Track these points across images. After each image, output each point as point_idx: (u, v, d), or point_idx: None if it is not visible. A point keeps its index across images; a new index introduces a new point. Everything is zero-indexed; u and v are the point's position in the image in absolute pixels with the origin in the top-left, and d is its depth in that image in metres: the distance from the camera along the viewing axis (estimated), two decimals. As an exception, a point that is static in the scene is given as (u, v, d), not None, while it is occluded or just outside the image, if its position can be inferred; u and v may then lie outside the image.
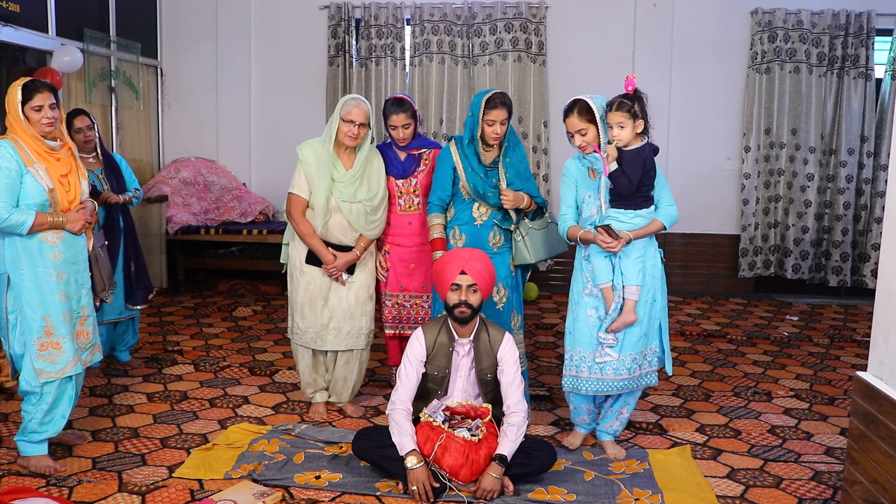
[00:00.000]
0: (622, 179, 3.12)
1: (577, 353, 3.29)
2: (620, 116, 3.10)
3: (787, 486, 3.13)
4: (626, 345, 3.25)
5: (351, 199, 3.58)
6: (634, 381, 3.30)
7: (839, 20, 6.54)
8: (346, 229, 3.62)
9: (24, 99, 3.00)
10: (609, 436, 3.45)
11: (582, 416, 3.43)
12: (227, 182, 6.93)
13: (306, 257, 3.64)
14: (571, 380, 3.31)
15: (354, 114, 3.53)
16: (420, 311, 3.88)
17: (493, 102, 3.46)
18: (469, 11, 6.72)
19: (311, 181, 3.56)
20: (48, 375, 3.06)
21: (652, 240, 3.30)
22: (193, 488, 3.00)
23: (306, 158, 3.58)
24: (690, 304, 6.51)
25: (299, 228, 3.61)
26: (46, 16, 5.55)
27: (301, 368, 3.79)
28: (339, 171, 3.58)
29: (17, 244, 3.01)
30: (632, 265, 3.21)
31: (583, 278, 3.31)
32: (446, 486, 2.94)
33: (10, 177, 2.95)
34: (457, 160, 3.59)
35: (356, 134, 3.53)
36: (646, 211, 3.21)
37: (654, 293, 3.28)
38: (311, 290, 3.65)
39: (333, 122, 3.57)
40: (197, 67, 7.14)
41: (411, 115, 3.70)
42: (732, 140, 6.85)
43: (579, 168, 3.31)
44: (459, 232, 3.64)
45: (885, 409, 2.28)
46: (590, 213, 3.25)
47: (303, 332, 3.69)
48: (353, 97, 3.60)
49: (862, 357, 4.93)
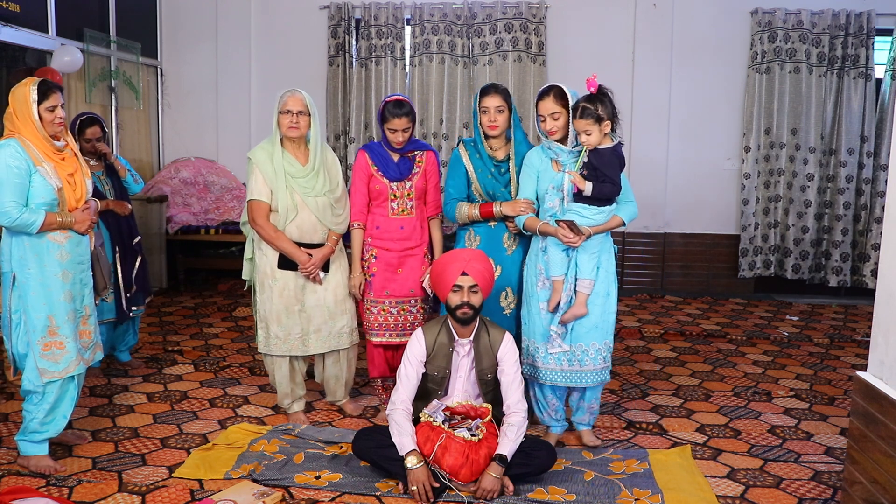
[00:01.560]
0: (605, 187, 3.15)
1: (532, 343, 3.38)
2: (585, 124, 3.14)
3: (787, 486, 3.13)
4: (577, 336, 3.31)
5: (314, 192, 3.54)
6: (592, 376, 3.34)
7: (839, 20, 6.54)
8: (315, 225, 3.57)
9: (40, 99, 3.00)
10: (585, 426, 3.52)
11: (547, 410, 3.48)
12: (227, 182, 6.94)
13: (278, 262, 3.57)
14: (529, 368, 3.40)
15: (290, 103, 3.51)
16: (409, 317, 3.75)
17: (485, 90, 3.49)
18: (469, 11, 6.72)
19: (271, 182, 3.50)
20: (51, 375, 3.06)
21: (608, 235, 3.34)
22: (193, 488, 3.00)
23: (260, 160, 3.52)
24: (690, 304, 6.51)
25: (266, 233, 3.52)
26: (46, 16, 5.55)
27: (278, 379, 3.69)
28: (295, 167, 3.54)
29: (25, 243, 3.01)
30: (588, 259, 3.25)
31: (536, 270, 3.35)
32: (446, 486, 2.94)
33: (20, 176, 2.95)
34: (467, 161, 3.57)
35: (297, 123, 3.50)
36: (608, 207, 3.24)
37: (607, 287, 3.34)
38: (285, 296, 3.59)
39: (274, 119, 3.56)
40: (197, 67, 7.14)
41: (411, 120, 3.64)
42: (732, 140, 6.85)
43: (542, 159, 3.34)
44: (474, 234, 3.60)
45: (885, 409, 2.28)
46: (552, 205, 3.27)
47: (282, 341, 3.61)
48: (288, 89, 3.57)
49: (862, 357, 4.93)
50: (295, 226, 3.54)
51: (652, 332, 5.50)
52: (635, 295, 6.76)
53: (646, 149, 6.78)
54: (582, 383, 3.35)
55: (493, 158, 3.55)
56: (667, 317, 6.01)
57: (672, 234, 6.95)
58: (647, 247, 6.92)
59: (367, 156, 3.69)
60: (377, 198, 3.69)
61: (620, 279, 6.87)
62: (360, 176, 3.69)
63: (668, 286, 6.98)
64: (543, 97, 3.28)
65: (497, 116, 3.46)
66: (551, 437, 3.51)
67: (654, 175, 6.83)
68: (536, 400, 3.50)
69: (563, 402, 3.51)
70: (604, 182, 3.14)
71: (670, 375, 4.58)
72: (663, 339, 5.42)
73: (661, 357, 4.97)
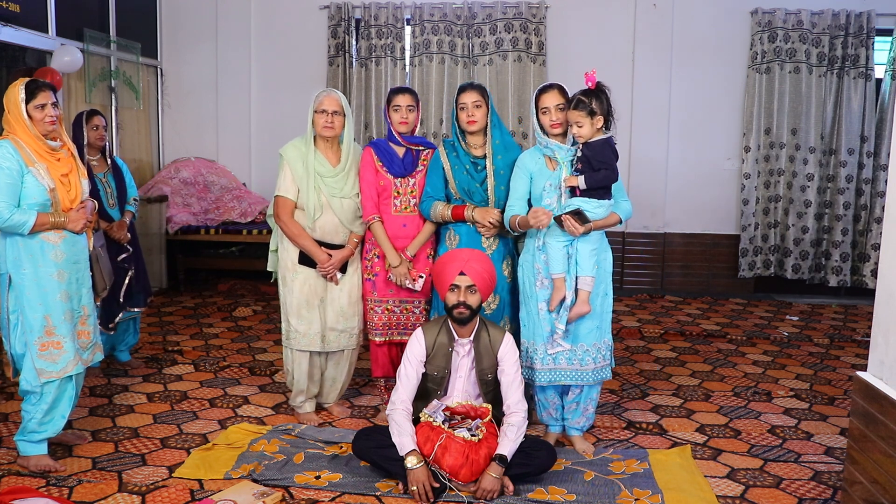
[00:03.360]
0: (600, 175, 3.16)
1: (531, 345, 3.37)
2: (577, 115, 3.17)
3: (787, 486, 3.13)
4: (579, 336, 3.31)
5: (341, 194, 3.57)
6: (590, 374, 3.34)
7: (839, 20, 6.54)
8: (337, 227, 3.60)
9: (28, 98, 3.00)
10: (577, 431, 3.49)
11: (547, 409, 3.48)
12: (227, 182, 6.93)
13: (298, 258, 3.61)
14: (527, 370, 3.39)
15: (326, 103, 3.54)
16: (411, 317, 3.72)
17: (462, 88, 3.52)
18: (469, 11, 6.72)
19: (300, 180, 3.54)
20: (49, 375, 3.06)
21: (604, 234, 3.36)
22: (193, 488, 3.00)
23: (292, 158, 3.56)
24: (690, 304, 6.51)
25: (289, 230, 3.56)
26: (46, 16, 5.55)
27: (297, 376, 3.68)
28: (325, 167, 3.57)
29: (19, 244, 3.01)
30: (588, 256, 3.25)
31: (534, 270, 3.34)
32: (446, 486, 2.94)
33: (11, 177, 2.94)
34: (444, 160, 3.57)
35: (331, 122, 3.54)
36: (607, 202, 3.24)
37: (605, 287, 3.36)
38: (306, 291, 3.62)
39: (309, 118, 3.59)
40: (197, 67, 7.14)
41: (415, 100, 3.66)
42: (732, 140, 6.85)
43: (536, 160, 3.36)
44: (454, 233, 3.60)
45: (885, 409, 2.28)
46: (550, 202, 3.28)
47: (302, 335, 3.63)
48: (324, 89, 3.62)
49: (862, 357, 4.93)
50: (318, 226, 3.57)
51: (652, 332, 5.50)
52: (635, 295, 6.75)
53: (646, 149, 6.78)
54: (582, 382, 3.35)
55: (470, 155, 3.55)
56: (667, 317, 6.01)
57: (672, 234, 6.95)
58: (647, 247, 6.92)
59: (373, 151, 3.68)
60: (381, 194, 3.66)
61: (620, 279, 6.90)
62: (368, 170, 3.65)
63: (668, 286, 6.98)
64: (548, 90, 3.32)
65: (475, 112, 3.47)
66: (550, 437, 3.51)
67: (654, 175, 6.83)
68: (537, 400, 3.50)
69: (562, 402, 3.50)
70: (598, 170, 3.15)
71: (670, 375, 4.58)
72: (663, 339, 5.42)
73: (661, 357, 4.97)
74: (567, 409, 3.49)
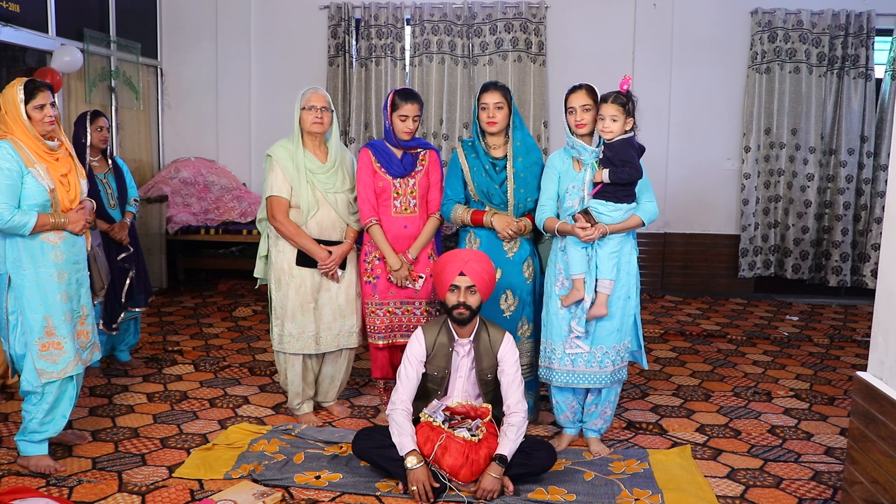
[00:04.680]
0: (624, 171, 3.14)
1: (549, 345, 3.36)
2: (615, 109, 3.15)
3: (787, 486, 3.13)
4: (598, 338, 3.29)
5: (334, 189, 3.58)
6: (609, 377, 3.32)
7: (839, 20, 6.54)
8: (335, 222, 3.60)
9: (27, 98, 3.00)
10: (595, 433, 3.48)
11: (565, 412, 3.46)
12: (227, 182, 6.94)
13: (296, 259, 3.59)
14: (545, 371, 3.38)
15: (314, 99, 3.54)
16: (412, 318, 3.70)
17: (485, 87, 3.47)
18: (469, 11, 6.72)
19: (291, 179, 3.53)
20: (50, 375, 3.06)
21: (628, 236, 3.32)
22: (193, 488, 3.00)
23: (281, 157, 3.56)
24: (690, 304, 6.51)
25: (287, 230, 3.54)
26: (46, 16, 5.55)
27: (291, 378, 3.68)
28: (315, 164, 3.57)
29: (19, 245, 3.01)
30: (607, 259, 3.22)
31: (556, 270, 3.34)
32: (446, 487, 2.94)
33: (11, 178, 2.94)
34: (463, 161, 3.55)
35: (321, 118, 3.54)
36: (626, 206, 3.22)
37: (628, 290, 3.31)
38: (301, 294, 3.60)
39: (296, 117, 3.58)
40: (197, 67, 7.14)
41: (421, 108, 3.63)
42: (732, 140, 6.85)
43: (564, 161, 3.35)
44: (475, 236, 3.57)
45: (885, 409, 2.28)
46: (571, 204, 3.27)
47: (295, 338, 3.61)
48: (309, 87, 3.62)
49: (862, 357, 4.93)
50: (315, 222, 3.56)
51: (652, 332, 5.50)
52: (635, 295, 6.75)
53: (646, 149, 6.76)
54: (600, 384, 3.32)
55: (490, 156, 3.52)
56: (667, 317, 6.01)
57: (672, 234, 6.95)
58: (647, 247, 6.92)
59: (371, 152, 3.65)
60: (380, 195, 3.63)
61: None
62: (365, 172, 3.62)
63: (668, 286, 6.98)
64: (577, 90, 3.28)
65: (496, 113, 3.44)
66: (565, 439, 3.48)
67: (654, 175, 6.76)
68: (554, 402, 3.47)
69: (582, 404, 3.48)
70: (623, 167, 3.14)
71: (670, 375, 4.58)
72: (663, 339, 5.42)
73: (661, 357, 4.97)
74: (586, 410, 3.47)
